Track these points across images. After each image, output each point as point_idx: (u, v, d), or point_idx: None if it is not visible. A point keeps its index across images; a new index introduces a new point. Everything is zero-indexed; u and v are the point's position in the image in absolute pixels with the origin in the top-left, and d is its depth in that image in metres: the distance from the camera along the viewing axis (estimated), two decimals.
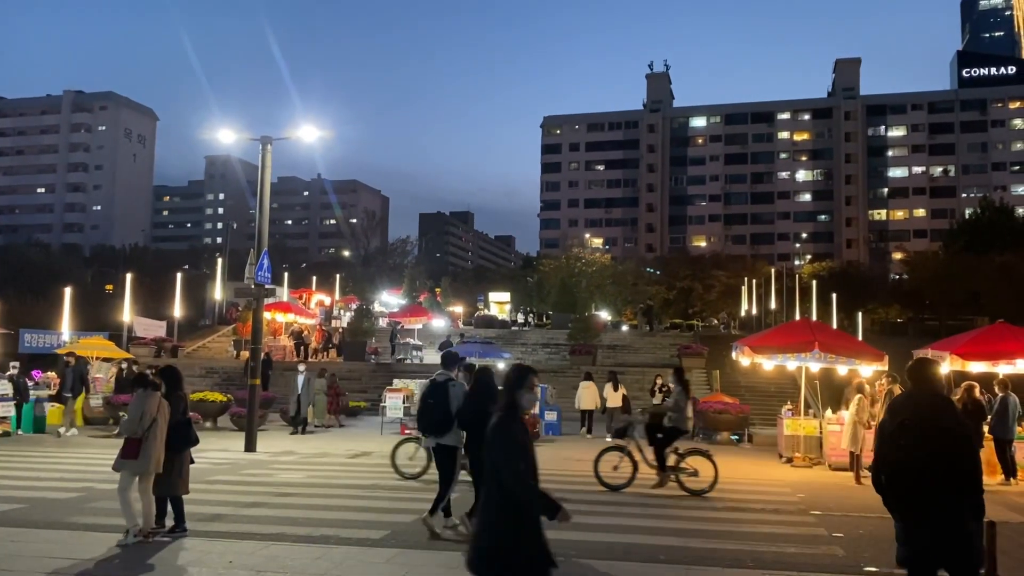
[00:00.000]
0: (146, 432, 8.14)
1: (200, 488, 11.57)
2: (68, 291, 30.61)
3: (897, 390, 15.50)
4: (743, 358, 16.85)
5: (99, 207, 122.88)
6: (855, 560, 8.15)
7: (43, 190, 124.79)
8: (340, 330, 39.05)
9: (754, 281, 52.38)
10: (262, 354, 26.79)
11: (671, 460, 12.55)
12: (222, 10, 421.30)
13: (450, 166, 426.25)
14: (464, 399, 9.01)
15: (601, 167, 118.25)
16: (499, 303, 59.09)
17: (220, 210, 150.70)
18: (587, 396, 21.77)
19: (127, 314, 34.41)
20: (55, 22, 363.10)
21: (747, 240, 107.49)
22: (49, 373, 22.97)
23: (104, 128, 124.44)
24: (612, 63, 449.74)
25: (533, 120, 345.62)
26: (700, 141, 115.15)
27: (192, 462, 8.92)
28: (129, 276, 35.46)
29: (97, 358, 23.12)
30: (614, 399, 21.65)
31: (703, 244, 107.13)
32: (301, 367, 21.60)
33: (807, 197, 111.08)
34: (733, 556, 8.17)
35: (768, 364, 17.21)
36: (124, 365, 22.89)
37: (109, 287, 63.65)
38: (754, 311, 50.94)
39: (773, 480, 14.18)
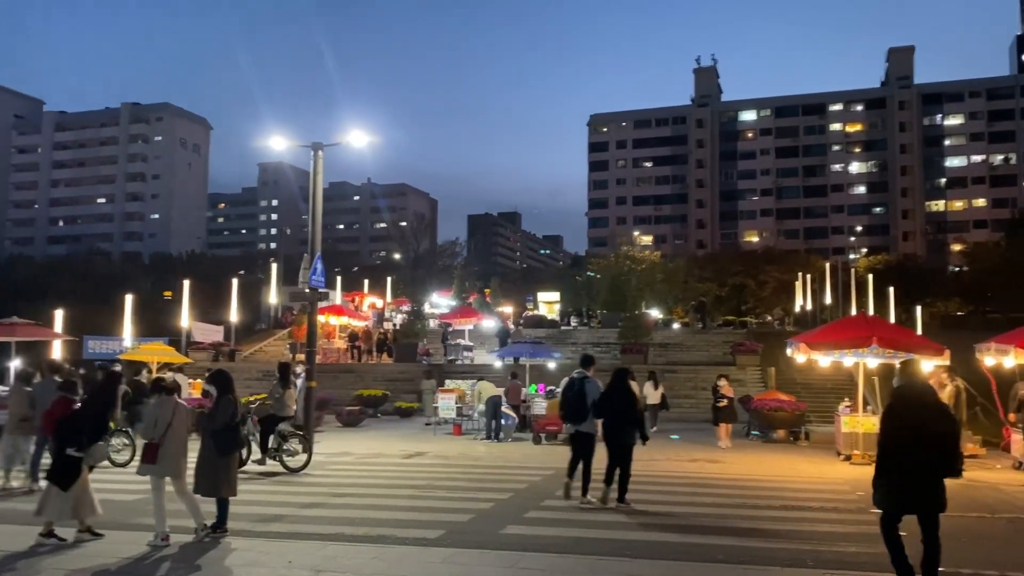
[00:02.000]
0: (163, 437, 8.32)
1: (258, 489, 11.81)
2: (129, 298, 31.42)
3: (961, 385, 15.14)
4: (799, 355, 16.56)
5: (157, 215, 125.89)
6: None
7: (103, 200, 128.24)
8: (390, 332, 39.38)
9: (808, 276, 51.42)
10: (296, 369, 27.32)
11: (273, 443, 13.78)
12: (271, 19, 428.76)
13: (497, 167, 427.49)
14: (600, 394, 10.66)
15: (649, 164, 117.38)
16: (548, 303, 58.96)
17: (274, 216, 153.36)
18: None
19: (185, 319, 35.19)
20: (111, 37, 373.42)
21: (800, 234, 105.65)
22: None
23: (160, 138, 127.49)
24: (658, 59, 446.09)
25: (579, 119, 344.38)
26: (750, 135, 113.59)
27: (243, 464, 9.02)
28: (187, 282, 36.26)
29: (157, 364, 23.67)
30: (654, 397, 21.87)
31: (755, 239, 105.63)
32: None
33: (861, 189, 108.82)
34: (792, 556, 8.05)
35: (824, 360, 16.90)
36: (145, 372, 22.15)
37: (168, 293, 65.13)
38: (809, 307, 50.02)
39: (831, 478, 13.92)
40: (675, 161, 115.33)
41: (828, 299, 49.74)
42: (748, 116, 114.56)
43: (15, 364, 21.19)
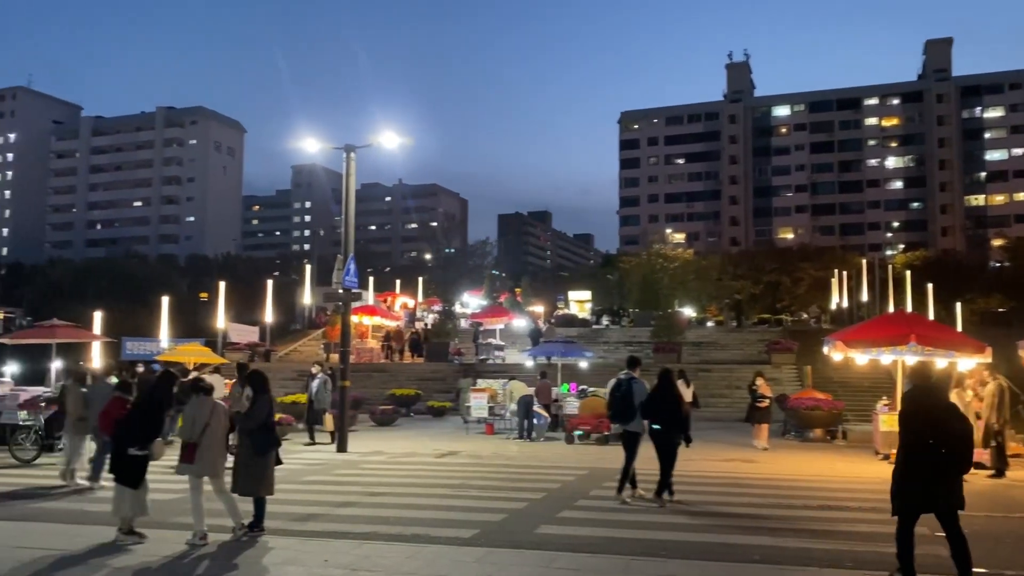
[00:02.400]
0: (200, 437, 8.41)
1: (294, 488, 11.92)
2: (166, 300, 31.90)
3: (1003, 383, 14.81)
4: (835, 353, 16.33)
5: (192, 218, 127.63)
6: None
7: (140, 203, 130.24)
8: (422, 331, 39.50)
9: (844, 273, 50.76)
10: (328, 370, 27.46)
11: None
12: (302, 22, 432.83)
13: (527, 167, 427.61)
14: (647, 394, 11.01)
15: (681, 161, 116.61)
16: (579, 302, 58.86)
17: (307, 218, 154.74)
18: None
19: (221, 320, 35.65)
20: (146, 42, 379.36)
21: (836, 231, 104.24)
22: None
23: (195, 142, 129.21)
24: (689, 55, 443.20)
25: (609, 117, 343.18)
26: (784, 130, 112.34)
27: (280, 463, 9.10)
28: (222, 284, 36.71)
29: (194, 364, 23.97)
30: (686, 395, 21.67)
31: (789, 236, 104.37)
32: (315, 369, 20.38)
33: (898, 185, 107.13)
34: (830, 556, 7.95)
35: (862, 358, 16.64)
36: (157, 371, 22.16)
37: (204, 295, 66.03)
38: (845, 304, 49.39)
39: (870, 478, 13.70)
40: (707, 157, 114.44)
41: (865, 296, 49.08)
42: (782, 111, 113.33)
43: (56, 365, 21.62)
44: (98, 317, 27.11)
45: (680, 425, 11.01)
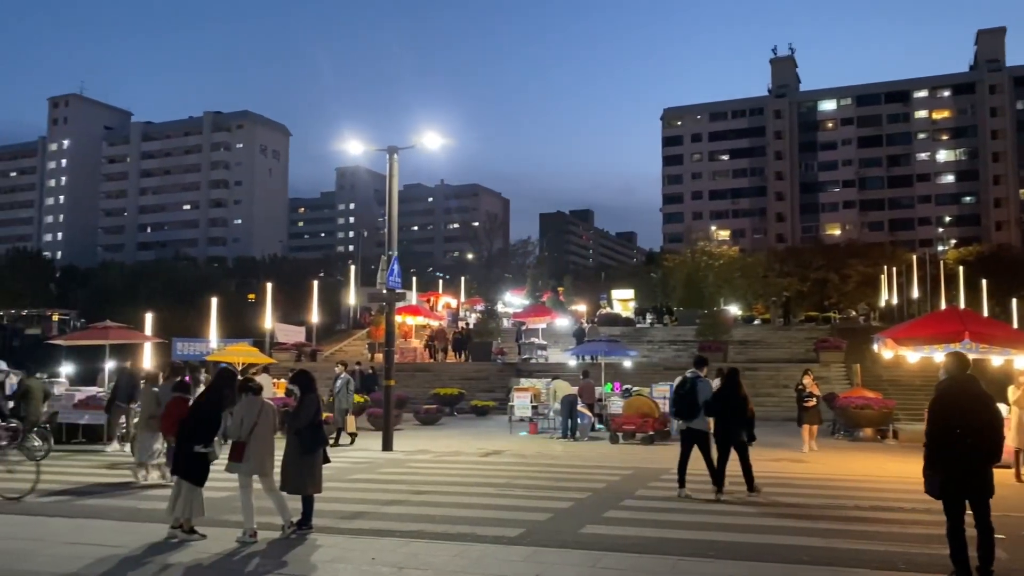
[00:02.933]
0: (249, 436, 8.53)
1: (341, 487, 12.05)
2: (214, 301, 32.46)
3: None
4: (886, 351, 16.00)
5: (239, 221, 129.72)
6: (1018, 563, 7.62)
7: (188, 207, 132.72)
8: (464, 330, 39.63)
9: (894, 269, 49.85)
10: (369, 370, 27.74)
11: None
12: (344, 26, 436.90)
13: (568, 165, 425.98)
14: (713, 393, 11.29)
15: (725, 157, 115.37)
16: (622, 300, 58.54)
17: (351, 219, 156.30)
18: None
19: (269, 321, 36.19)
20: (193, 48, 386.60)
21: (885, 226, 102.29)
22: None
23: (241, 146, 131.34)
24: (732, 51, 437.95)
25: (651, 114, 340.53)
26: (830, 125, 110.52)
27: (327, 461, 9.20)
28: (269, 285, 37.26)
29: (242, 364, 24.36)
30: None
31: (837, 232, 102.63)
32: (337, 368, 20.00)
33: (950, 179, 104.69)
34: (882, 558, 7.80)
35: (913, 356, 16.26)
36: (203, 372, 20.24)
37: (251, 296, 67.13)
38: (895, 301, 48.48)
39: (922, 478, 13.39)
40: (752, 153, 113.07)
41: (915, 293, 48.08)
42: (828, 105, 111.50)
43: (109, 366, 22.13)
44: (149, 318, 27.68)
45: (745, 424, 11.33)
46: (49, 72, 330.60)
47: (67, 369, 29.26)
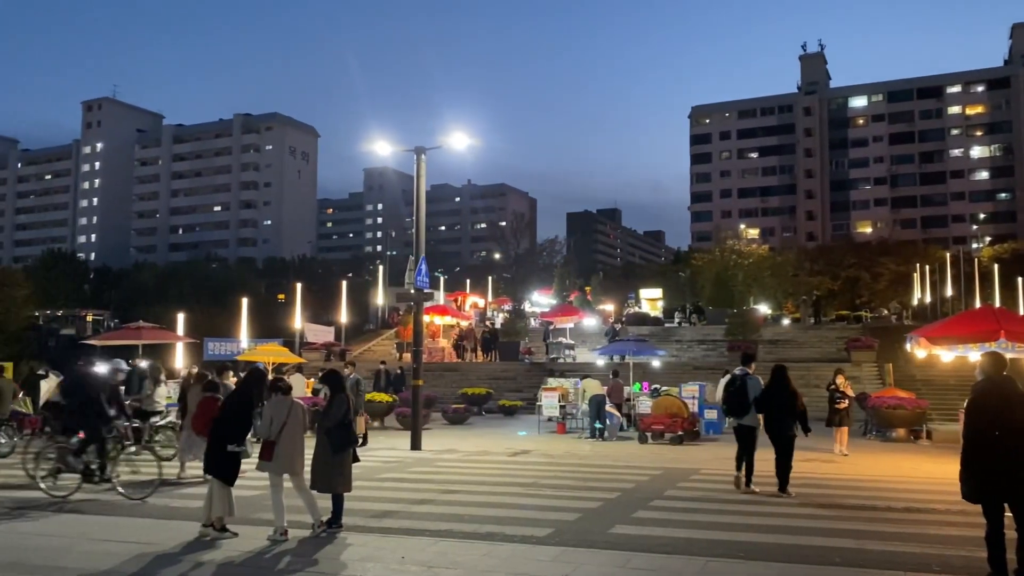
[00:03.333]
0: (278, 435, 8.59)
1: (370, 486, 12.11)
2: (245, 301, 32.79)
3: None
4: (919, 350, 15.80)
5: (269, 222, 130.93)
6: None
7: (219, 208, 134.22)
8: (490, 329, 39.66)
9: (927, 267, 49.18)
10: (398, 370, 27.82)
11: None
12: (373, 26, 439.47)
13: (595, 164, 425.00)
14: (761, 390, 11.53)
15: (754, 155, 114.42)
16: (650, 300, 58.30)
17: (379, 219, 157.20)
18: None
19: (298, 321, 36.49)
20: (222, 51, 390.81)
21: (917, 224, 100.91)
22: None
23: (271, 147, 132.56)
24: (761, 48, 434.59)
25: (678, 112, 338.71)
26: (861, 122, 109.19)
27: (356, 460, 9.25)
28: (298, 285, 37.57)
29: (272, 364, 24.57)
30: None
31: (868, 230, 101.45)
32: (347, 370, 18.69)
33: (984, 175, 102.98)
34: (916, 560, 7.69)
35: (947, 356, 16.04)
36: (194, 370, 19.18)
37: (281, 296, 67.75)
38: (928, 299, 47.81)
39: (957, 479, 13.19)
40: (782, 151, 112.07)
41: (949, 291, 47.41)
42: (859, 102, 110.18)
43: (142, 365, 22.42)
44: (181, 319, 28.05)
45: (795, 419, 11.52)
46: (83, 77, 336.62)
47: (101, 369, 29.66)
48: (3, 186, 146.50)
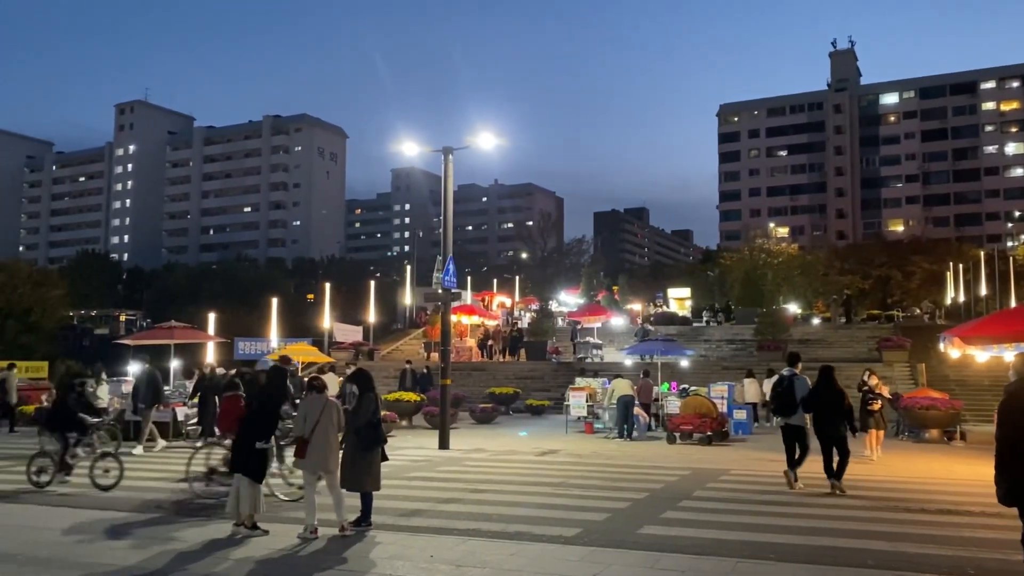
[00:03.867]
0: (311, 433, 8.66)
1: (399, 484, 12.17)
2: (275, 301, 33.10)
3: None
4: (952, 350, 15.54)
5: (298, 222, 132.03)
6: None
7: (249, 209, 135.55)
8: (514, 330, 39.64)
9: (960, 266, 48.41)
10: (423, 369, 27.88)
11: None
12: (400, 26, 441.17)
13: (622, 163, 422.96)
14: (808, 390, 11.79)
15: (784, 153, 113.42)
16: (678, 299, 57.97)
17: (406, 220, 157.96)
18: (752, 390, 23.02)
19: (327, 320, 36.76)
20: (251, 53, 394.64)
21: (950, 222, 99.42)
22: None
23: (300, 148, 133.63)
24: (790, 45, 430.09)
25: (706, 110, 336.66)
26: (892, 119, 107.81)
27: (385, 459, 9.29)
28: (327, 285, 37.85)
29: (302, 363, 24.79)
30: (765, 391, 21.97)
31: (900, 228, 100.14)
32: (349, 370, 18.38)
33: (1019, 171, 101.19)
34: (951, 563, 7.58)
35: (981, 356, 15.76)
36: (207, 369, 19.89)
37: (310, 296, 68.27)
38: (961, 298, 47.07)
39: (992, 481, 12.98)
40: (811, 149, 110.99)
41: (983, 290, 46.64)
42: (890, 99, 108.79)
43: (175, 364, 22.72)
44: (212, 318, 28.36)
45: (843, 417, 11.74)
46: (116, 80, 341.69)
47: (134, 368, 30.14)
48: (39, 188, 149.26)
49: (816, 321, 48.39)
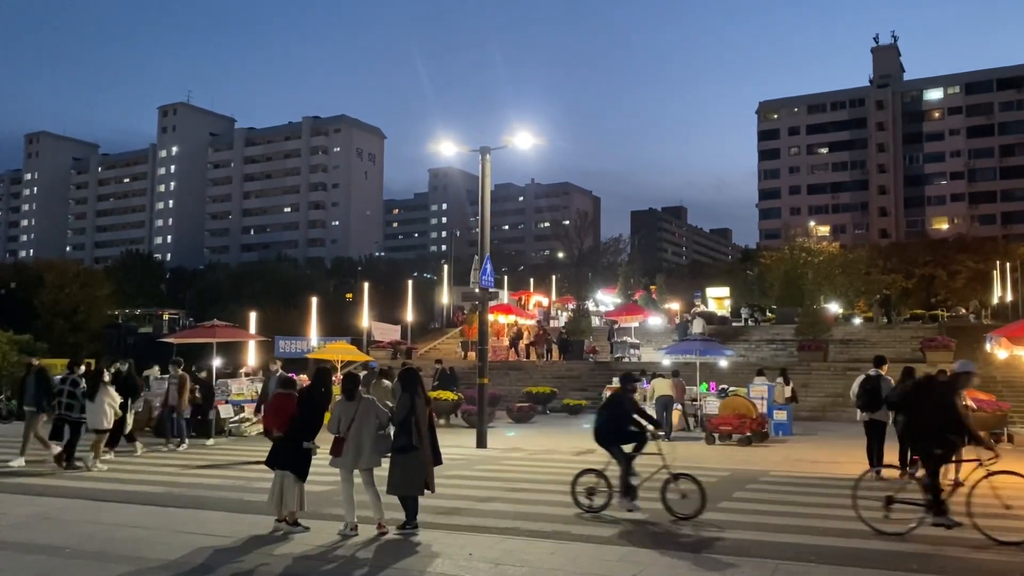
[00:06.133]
0: (347, 431, 8.72)
1: (438, 483, 12.21)
2: (314, 300, 33.47)
3: None
4: (999, 350, 15.31)
5: (337, 222, 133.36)
6: None
7: (289, 209, 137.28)
8: (559, 329, 39.63)
9: (1007, 265, 47.41)
10: (450, 367, 27.98)
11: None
12: (438, 26, 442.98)
13: (660, 162, 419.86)
14: (893, 387, 12.74)
15: (824, 150, 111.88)
16: (717, 298, 57.45)
17: (444, 219, 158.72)
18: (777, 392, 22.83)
19: (366, 320, 37.08)
20: (291, 56, 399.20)
21: (997, 220, 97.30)
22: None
23: (339, 149, 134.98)
24: (831, 41, 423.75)
25: (746, 107, 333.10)
26: (937, 115, 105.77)
27: (439, 463, 9.23)
28: (366, 285, 38.19)
29: (341, 362, 25.01)
30: (785, 392, 22.00)
31: (944, 226, 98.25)
32: (273, 366, 18.09)
33: None
34: (998, 567, 7.45)
35: None
36: (274, 367, 18.63)
37: (348, 296, 68.79)
38: (1009, 298, 46.06)
39: None
40: (853, 146, 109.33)
41: None
42: (934, 95, 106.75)
43: (216, 363, 23.07)
44: (253, 317, 28.76)
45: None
46: (159, 83, 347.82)
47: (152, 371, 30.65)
48: (85, 190, 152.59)
49: (857, 321, 47.65)
